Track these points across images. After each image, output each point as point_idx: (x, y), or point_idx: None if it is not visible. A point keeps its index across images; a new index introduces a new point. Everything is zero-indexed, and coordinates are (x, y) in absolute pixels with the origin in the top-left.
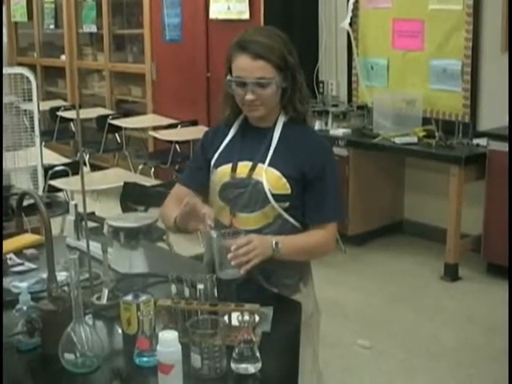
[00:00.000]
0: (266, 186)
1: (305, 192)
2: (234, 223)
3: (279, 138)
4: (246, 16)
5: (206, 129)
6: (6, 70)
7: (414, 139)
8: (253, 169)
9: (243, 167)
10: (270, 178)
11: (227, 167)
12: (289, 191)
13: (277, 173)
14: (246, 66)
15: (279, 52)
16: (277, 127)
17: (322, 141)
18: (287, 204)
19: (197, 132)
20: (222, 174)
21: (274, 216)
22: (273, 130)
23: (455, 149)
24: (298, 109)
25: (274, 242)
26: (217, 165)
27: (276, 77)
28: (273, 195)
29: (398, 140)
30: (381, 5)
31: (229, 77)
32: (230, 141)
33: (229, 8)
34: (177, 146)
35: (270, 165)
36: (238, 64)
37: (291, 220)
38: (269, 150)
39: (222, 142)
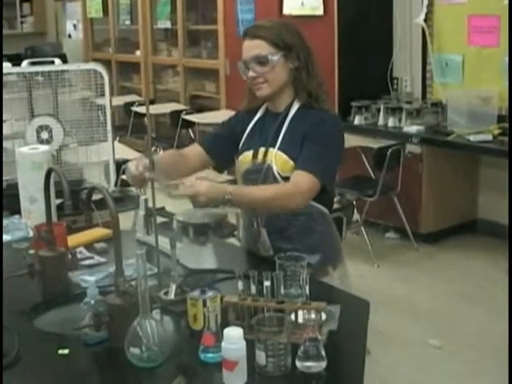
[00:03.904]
0: (276, 170)
1: None
2: None
3: (291, 121)
4: (320, 12)
5: None
6: (79, 66)
7: (489, 137)
8: (265, 154)
9: (261, 153)
10: (278, 161)
11: (249, 154)
12: None
13: (284, 156)
14: (245, 47)
15: (275, 31)
16: (291, 111)
17: (324, 115)
18: None
19: None
20: (243, 160)
21: None
22: (287, 114)
23: None
24: (308, 87)
25: (228, 190)
26: (240, 151)
27: (274, 53)
28: (283, 178)
29: (472, 138)
30: (456, 0)
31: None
32: (252, 128)
33: (302, 4)
34: None
35: (279, 149)
36: (242, 49)
37: None
38: (280, 133)
39: (246, 129)
